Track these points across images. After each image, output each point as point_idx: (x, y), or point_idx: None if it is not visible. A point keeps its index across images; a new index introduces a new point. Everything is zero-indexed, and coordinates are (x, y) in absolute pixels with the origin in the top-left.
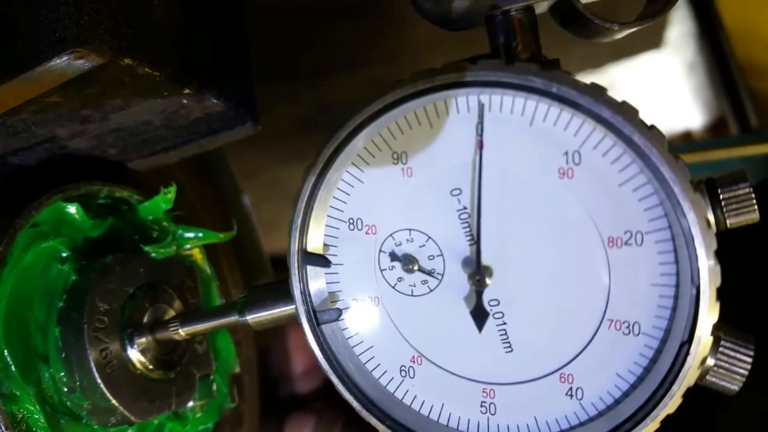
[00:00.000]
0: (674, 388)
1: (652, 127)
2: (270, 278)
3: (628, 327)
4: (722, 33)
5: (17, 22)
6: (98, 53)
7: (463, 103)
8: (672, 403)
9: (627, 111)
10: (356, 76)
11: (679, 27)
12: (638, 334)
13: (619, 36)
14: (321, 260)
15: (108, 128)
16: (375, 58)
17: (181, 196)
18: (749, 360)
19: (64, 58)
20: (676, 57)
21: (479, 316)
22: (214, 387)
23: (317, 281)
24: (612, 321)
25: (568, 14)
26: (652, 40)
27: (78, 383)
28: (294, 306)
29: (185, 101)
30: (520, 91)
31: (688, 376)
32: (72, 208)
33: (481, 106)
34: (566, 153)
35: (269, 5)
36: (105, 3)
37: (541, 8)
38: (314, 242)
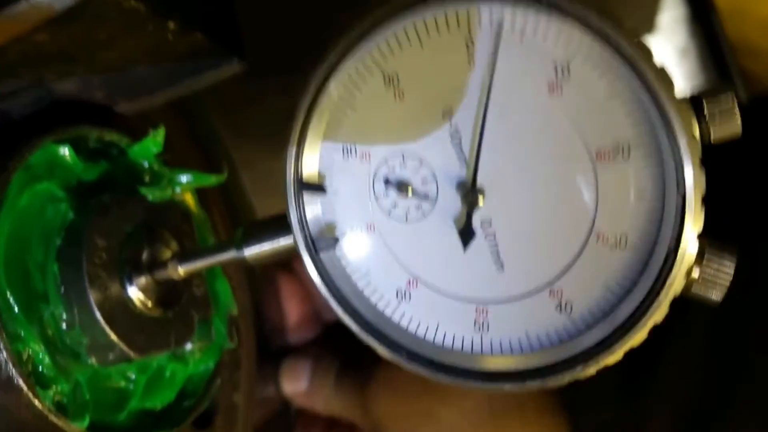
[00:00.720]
0: (661, 297)
1: (639, 42)
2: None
3: (615, 239)
4: (715, 17)
5: None
6: None
7: (453, 19)
8: (660, 311)
9: (614, 19)
10: None
11: (671, 12)
12: (625, 246)
13: None
14: (317, 188)
15: (94, 69)
16: None
17: (168, 145)
18: (731, 271)
19: None
20: (667, 42)
21: (466, 235)
22: (213, 330)
23: (314, 210)
24: (600, 235)
25: None
26: (643, 26)
27: (77, 319)
28: (292, 236)
29: (170, 36)
30: (510, 2)
31: (675, 284)
32: (65, 150)
33: (470, 22)
34: (555, 67)
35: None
36: None
37: None
38: (309, 171)
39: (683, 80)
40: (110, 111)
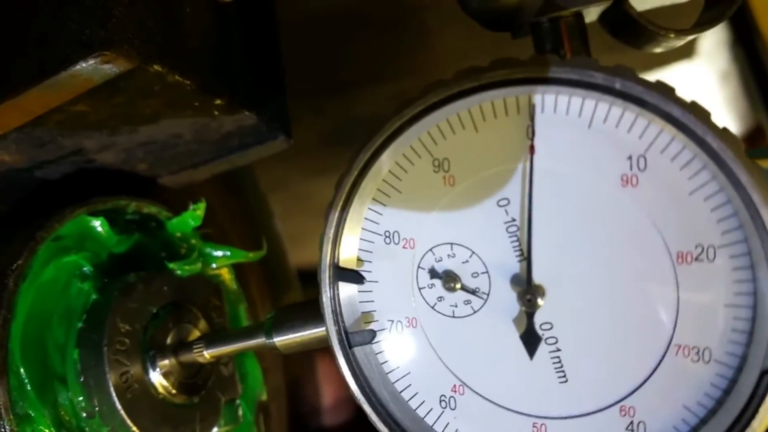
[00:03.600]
0: (754, 424)
1: (725, 129)
2: (298, 295)
3: (697, 353)
4: (758, 40)
5: (44, 24)
6: (126, 58)
7: (513, 103)
8: None
9: (699, 111)
10: (381, 89)
11: (713, 36)
12: (709, 361)
13: (675, 45)
14: (354, 276)
15: (137, 141)
16: (400, 72)
17: (210, 215)
18: None
19: (91, 62)
20: (709, 67)
21: (531, 340)
22: (240, 412)
23: (350, 299)
24: (680, 347)
25: (621, 21)
26: (684, 50)
27: (97, 409)
28: (324, 328)
29: (216, 113)
30: (578, 88)
31: None
32: (97, 223)
33: (532, 107)
34: (630, 158)
35: (294, 19)
36: (134, 7)
37: (590, 16)
38: (347, 256)
39: (724, 105)
40: (152, 182)
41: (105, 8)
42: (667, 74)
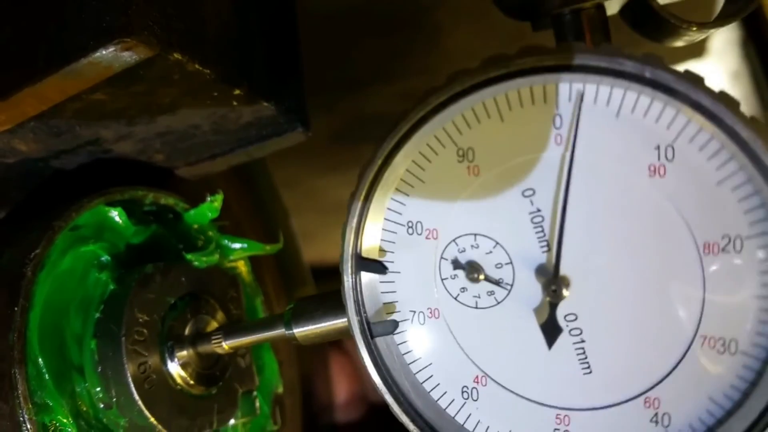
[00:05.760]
0: None
1: (754, 118)
2: (311, 291)
3: (723, 344)
4: None
5: (63, 11)
6: (146, 45)
7: (540, 92)
8: None
9: (728, 100)
10: (392, 88)
11: (723, 34)
12: (735, 352)
13: (697, 38)
14: (377, 266)
15: (155, 131)
16: (411, 70)
17: (225, 209)
18: None
19: (111, 49)
20: (719, 65)
21: (551, 331)
22: (257, 404)
23: (372, 289)
24: (705, 338)
25: (642, 14)
26: (694, 48)
27: (114, 399)
28: (345, 319)
29: (235, 103)
30: (607, 76)
31: None
32: (114, 213)
33: (558, 96)
34: (658, 147)
35: (304, 17)
36: None
37: (612, 7)
38: (369, 246)
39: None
40: (169, 174)
41: None
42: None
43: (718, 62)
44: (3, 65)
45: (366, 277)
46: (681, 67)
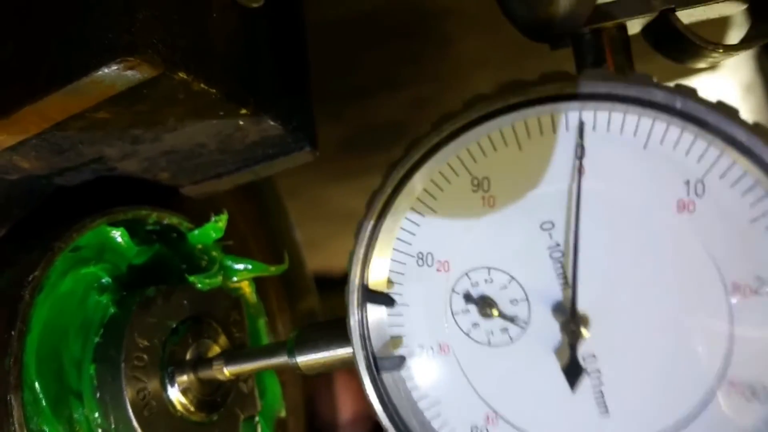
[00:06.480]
0: None
1: None
2: (315, 301)
3: (752, 392)
4: None
5: (66, 28)
6: (150, 64)
7: (562, 120)
8: None
9: (764, 133)
10: (400, 96)
11: None
12: (765, 399)
13: (719, 61)
14: (384, 298)
15: (160, 150)
16: (420, 78)
17: (232, 227)
18: None
19: (114, 68)
20: (732, 78)
21: (573, 373)
22: (259, 430)
23: (379, 322)
24: (733, 384)
25: (665, 34)
26: None
27: (113, 426)
28: (350, 349)
29: (242, 122)
30: (634, 105)
31: None
32: (117, 233)
33: (581, 124)
34: (687, 182)
35: (312, 25)
36: (159, 11)
37: (634, 28)
38: (377, 278)
39: (748, 117)
40: (173, 192)
41: (129, 12)
42: (689, 85)
43: (732, 75)
44: (4, 82)
45: (373, 309)
46: (695, 82)
